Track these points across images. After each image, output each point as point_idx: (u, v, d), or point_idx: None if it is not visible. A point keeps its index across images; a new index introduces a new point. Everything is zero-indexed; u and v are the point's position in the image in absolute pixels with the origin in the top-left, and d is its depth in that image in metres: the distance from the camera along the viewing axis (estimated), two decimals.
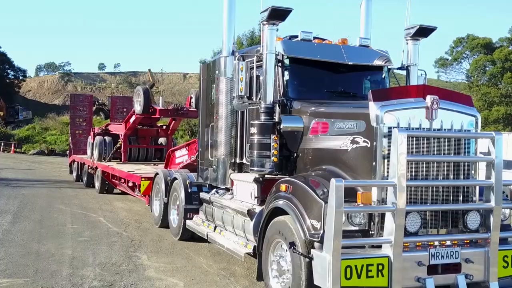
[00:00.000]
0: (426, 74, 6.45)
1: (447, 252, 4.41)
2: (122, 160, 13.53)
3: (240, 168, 6.42)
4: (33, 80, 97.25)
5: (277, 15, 5.45)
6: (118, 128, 14.17)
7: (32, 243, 7.55)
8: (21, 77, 73.97)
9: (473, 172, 4.67)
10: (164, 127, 14.41)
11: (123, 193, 13.76)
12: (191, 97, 12.60)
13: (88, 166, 15.01)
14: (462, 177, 4.61)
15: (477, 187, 4.70)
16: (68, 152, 20.55)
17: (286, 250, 4.70)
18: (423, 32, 6.16)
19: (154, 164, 13.49)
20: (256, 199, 5.74)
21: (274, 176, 5.54)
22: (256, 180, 5.73)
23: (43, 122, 49.09)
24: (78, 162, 16.98)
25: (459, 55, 52.38)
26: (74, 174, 17.51)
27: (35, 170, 22.36)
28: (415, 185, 4.35)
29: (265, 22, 5.50)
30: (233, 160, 6.46)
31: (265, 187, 5.63)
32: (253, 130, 5.61)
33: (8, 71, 71.28)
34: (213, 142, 6.83)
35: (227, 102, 6.37)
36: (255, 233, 5.44)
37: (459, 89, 55.12)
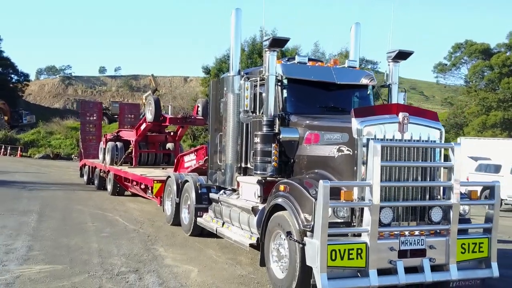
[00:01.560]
0: (405, 91, 7.48)
1: (415, 240, 5.44)
2: (133, 164, 14.57)
3: (245, 171, 7.45)
4: (33, 84, 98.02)
5: (277, 43, 6.51)
6: (129, 135, 15.22)
7: (61, 238, 8.57)
8: (24, 82, 74.72)
9: (437, 175, 5.71)
10: (172, 133, 15.45)
11: (133, 195, 14.80)
12: (198, 106, 13.68)
13: (100, 170, 16.05)
14: (428, 179, 5.64)
15: (441, 187, 5.74)
16: (78, 156, 21.54)
17: (284, 239, 5.72)
18: (402, 55, 7.22)
19: (163, 168, 14.51)
20: (259, 198, 6.76)
21: (274, 179, 6.56)
22: (259, 182, 6.76)
23: (48, 126, 49.99)
24: (89, 166, 18.02)
25: (457, 60, 53.27)
26: (85, 177, 18.53)
27: (45, 174, 23.39)
28: (388, 186, 5.38)
29: (267, 49, 6.55)
30: (239, 165, 7.49)
31: (266, 188, 6.65)
32: (257, 139, 6.64)
33: (12, 75, 72.13)
34: (222, 149, 7.87)
35: (234, 114, 7.41)
36: (258, 226, 6.46)
37: (458, 94, 56.25)
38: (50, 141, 45.85)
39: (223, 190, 8.18)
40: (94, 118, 19.82)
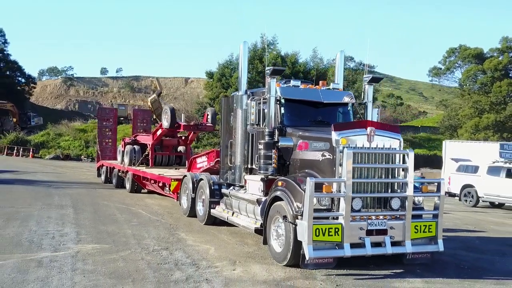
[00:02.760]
0: (379, 108, 9.35)
1: (379, 222, 7.30)
2: (150, 165, 16.44)
3: (251, 171, 9.30)
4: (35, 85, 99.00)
5: (276, 72, 8.39)
6: (146, 139, 17.10)
7: (99, 226, 10.43)
8: (31, 84, 76.51)
9: (396, 173, 7.57)
10: (183, 137, 17.29)
11: (149, 192, 16.69)
12: (207, 114, 15.57)
13: (119, 170, 17.93)
14: (389, 177, 7.51)
15: (399, 183, 7.59)
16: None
17: (281, 222, 7.57)
18: (375, 80, 9.10)
19: (176, 168, 16.38)
20: (262, 192, 8.62)
21: (274, 177, 8.40)
22: (262, 179, 8.62)
23: (56, 128, 51.78)
24: (106, 167, 19.90)
25: (451, 64, 54.87)
26: (103, 177, 20.40)
27: (62, 173, 25.27)
28: (358, 182, 7.24)
29: (268, 77, 8.42)
30: (246, 166, 9.35)
31: (268, 184, 8.50)
32: (260, 146, 8.51)
33: (19, 78, 73.93)
34: (232, 153, 9.73)
35: (242, 126, 9.28)
36: (261, 214, 8.32)
37: (452, 97, 58.04)
38: (59, 143, 47.59)
39: (232, 187, 10.04)
40: (110, 123, 21.70)
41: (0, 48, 70.86)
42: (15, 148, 43.67)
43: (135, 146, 17.21)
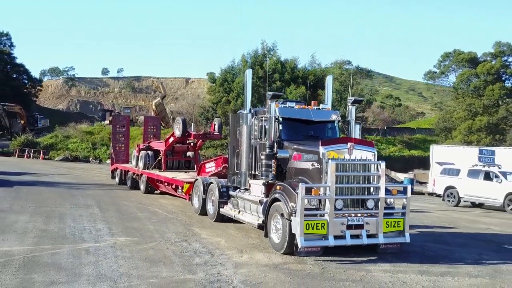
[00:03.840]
0: (360, 124, 11.18)
1: (357, 219, 9.15)
2: (163, 169, 18.29)
3: (254, 176, 11.13)
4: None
5: (275, 97, 10.24)
6: (159, 145, 18.96)
7: (125, 222, 12.28)
8: (37, 87, 78.36)
9: (371, 179, 9.41)
10: (192, 144, 19.14)
11: (162, 193, 18.55)
12: (214, 124, 17.47)
13: (133, 173, 19.80)
14: (366, 182, 9.36)
15: (375, 187, 9.44)
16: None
17: (279, 219, 9.40)
18: (357, 101, 10.97)
19: (186, 172, 18.24)
20: (263, 194, 10.46)
21: (274, 182, 10.24)
22: (264, 184, 10.47)
23: (64, 130, 53.50)
24: (121, 170, 21.76)
25: (446, 68, 56.64)
26: (117, 179, 22.25)
27: (77, 175, 27.13)
28: (340, 186, 9.09)
29: (269, 100, 10.27)
30: (250, 172, 11.20)
31: (268, 188, 10.34)
32: (262, 156, 10.35)
33: (26, 81, 75.77)
34: (239, 161, 11.58)
35: (247, 139, 11.12)
36: (263, 212, 10.15)
37: (447, 100, 59.84)
38: (67, 145, 49.29)
39: (238, 189, 11.89)
40: (123, 129, 23.57)
41: (7, 51, 72.71)
42: (26, 150, 45.48)
43: (148, 151, 19.07)
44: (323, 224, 8.87)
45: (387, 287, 7.47)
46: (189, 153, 19.52)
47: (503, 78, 52.51)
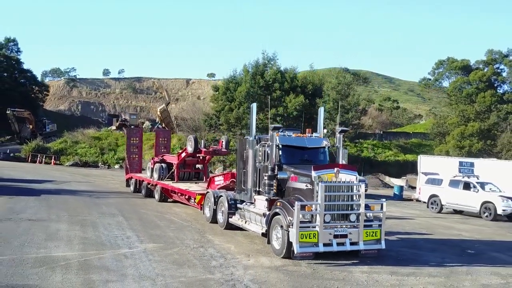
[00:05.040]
0: (347, 149, 13.39)
1: (342, 230, 11.36)
2: (176, 180, 20.53)
3: (258, 193, 13.34)
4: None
5: (276, 128, 12.47)
6: (172, 159, 21.21)
7: (148, 230, 14.48)
8: (44, 92, 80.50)
9: (356, 198, 11.62)
10: (201, 157, 21.36)
11: (174, 201, 20.78)
12: (222, 141, 19.73)
13: (148, 183, 22.03)
14: (349, 200, 11.57)
15: (356, 204, 11.64)
16: (124, 170, 27.26)
17: (279, 229, 11.61)
18: (343, 131, 13.20)
19: (196, 183, 20.47)
20: (266, 208, 12.67)
21: (275, 198, 12.44)
22: (266, 199, 12.67)
23: (73, 135, 55.60)
24: (135, 179, 24.01)
25: (440, 76, 58.81)
26: (132, 187, 24.49)
27: (93, 183, 29.36)
28: (329, 204, 11.30)
29: (271, 131, 12.48)
30: (255, 189, 13.41)
31: (270, 203, 12.55)
32: (265, 177, 12.56)
33: (33, 86, 77.92)
34: (245, 179, 13.79)
35: (253, 161, 13.32)
36: (266, 223, 12.36)
37: (441, 106, 62.04)
38: (76, 150, 51.37)
39: (245, 202, 14.10)
40: (137, 141, 25.80)
41: (16, 58, 74.92)
42: (38, 155, 47.68)
43: (162, 164, 21.31)
44: (314, 234, 11.08)
45: (363, 285, 9.68)
46: (199, 166, 21.74)
47: (495, 85, 54.58)
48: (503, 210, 20.43)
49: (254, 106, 13.41)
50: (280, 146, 12.78)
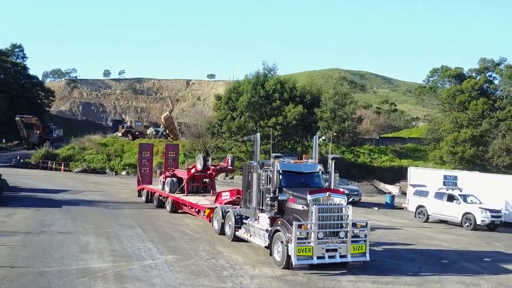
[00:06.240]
0: (338, 173, 15.49)
1: (333, 245, 13.46)
2: (185, 193, 22.66)
3: (261, 211, 15.43)
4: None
5: (277, 157, 14.59)
6: (183, 174, 23.36)
7: (166, 242, 16.57)
8: (50, 98, 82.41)
9: (344, 218, 13.73)
10: (208, 172, 23.48)
11: (184, 212, 22.89)
12: (228, 159, 21.88)
13: (159, 195, 24.16)
14: (339, 219, 13.68)
15: (345, 223, 13.75)
16: (136, 181, 29.28)
17: (280, 244, 13.70)
18: (335, 158, 15.31)
19: (204, 196, 22.60)
20: (268, 225, 14.78)
21: (276, 216, 14.53)
22: (269, 217, 14.78)
23: (80, 142, 57.49)
24: (147, 191, 26.15)
25: (434, 83, 60.92)
26: (144, 198, 26.62)
27: (106, 192, 31.45)
28: (322, 223, 13.41)
29: (273, 159, 14.60)
30: (258, 207, 15.51)
31: (272, 220, 14.64)
32: (268, 198, 14.67)
33: (40, 92, 79.84)
34: (250, 199, 15.90)
35: (257, 183, 15.43)
36: (269, 238, 14.44)
37: (435, 112, 64.10)
38: (84, 156, 53.28)
39: (249, 218, 16.21)
40: (148, 154, 27.93)
41: (23, 65, 76.93)
42: (48, 162, 49.71)
43: (173, 178, 23.44)
44: (309, 249, 13.18)
45: None
46: (206, 180, 23.88)
47: (488, 92, 56.60)
48: (482, 221, 22.56)
49: (258, 136, 15.53)
50: (281, 171, 14.88)
